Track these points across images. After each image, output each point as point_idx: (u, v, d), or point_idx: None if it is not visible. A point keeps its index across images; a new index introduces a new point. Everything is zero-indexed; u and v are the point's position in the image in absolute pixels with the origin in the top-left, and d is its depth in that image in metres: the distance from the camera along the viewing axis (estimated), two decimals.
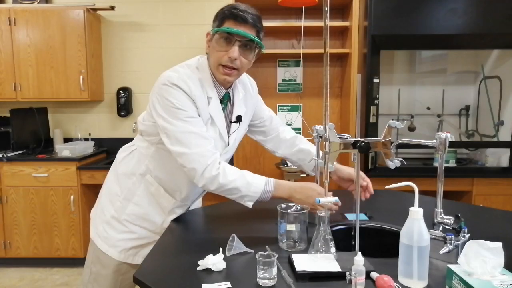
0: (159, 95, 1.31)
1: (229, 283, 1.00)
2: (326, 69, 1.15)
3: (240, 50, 1.30)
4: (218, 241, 1.25)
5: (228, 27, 1.28)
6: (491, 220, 1.56)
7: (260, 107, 1.66)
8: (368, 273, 1.00)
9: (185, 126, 1.28)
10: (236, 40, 1.29)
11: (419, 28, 2.81)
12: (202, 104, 1.34)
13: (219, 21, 1.32)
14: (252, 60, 1.40)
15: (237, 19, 1.27)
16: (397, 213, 1.59)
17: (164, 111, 1.30)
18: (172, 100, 1.28)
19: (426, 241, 0.98)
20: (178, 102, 1.28)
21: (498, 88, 3.12)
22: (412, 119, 3.34)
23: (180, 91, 1.29)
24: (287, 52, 3.40)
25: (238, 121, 1.47)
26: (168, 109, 1.29)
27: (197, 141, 1.29)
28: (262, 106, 1.67)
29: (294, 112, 3.55)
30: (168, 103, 1.29)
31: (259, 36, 1.34)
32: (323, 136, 1.15)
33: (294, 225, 1.24)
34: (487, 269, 0.91)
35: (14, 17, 3.22)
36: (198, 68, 1.39)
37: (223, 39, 1.30)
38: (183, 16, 3.54)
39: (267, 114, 1.66)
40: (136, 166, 1.46)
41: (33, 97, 3.32)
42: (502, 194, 2.93)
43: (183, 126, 1.28)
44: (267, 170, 3.59)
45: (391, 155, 1.16)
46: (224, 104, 1.43)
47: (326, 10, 1.12)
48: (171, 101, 1.28)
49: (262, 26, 1.35)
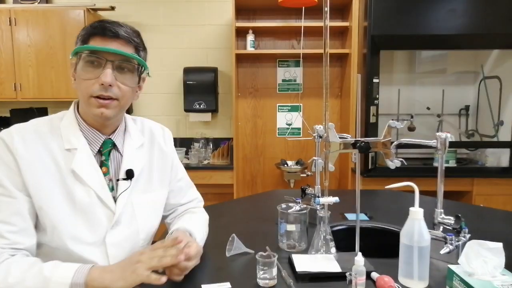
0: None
1: (229, 283, 1.00)
2: (326, 69, 1.15)
3: (116, 73, 0.99)
4: (218, 241, 1.25)
5: (94, 45, 0.98)
6: (492, 220, 1.57)
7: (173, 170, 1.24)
8: (368, 274, 1.00)
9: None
10: (107, 60, 0.97)
11: (419, 28, 2.81)
12: (45, 164, 0.98)
13: (82, 40, 1.00)
14: (138, 88, 1.08)
15: (106, 33, 0.97)
16: (397, 213, 1.59)
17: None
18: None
19: (426, 241, 0.98)
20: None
21: (497, 88, 3.12)
22: (412, 119, 3.34)
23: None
24: (287, 52, 3.40)
25: (129, 178, 1.07)
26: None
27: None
28: (177, 170, 1.26)
29: (294, 112, 3.55)
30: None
31: (139, 54, 1.05)
32: (323, 136, 1.16)
33: (294, 225, 1.24)
34: (487, 269, 0.91)
35: (15, 17, 3.22)
36: (61, 117, 1.06)
37: (89, 63, 0.98)
38: (183, 16, 3.54)
39: (177, 185, 1.26)
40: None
41: (33, 97, 3.32)
42: (502, 194, 2.93)
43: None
44: (267, 170, 3.60)
45: (391, 155, 1.16)
46: (105, 156, 1.06)
47: (326, 10, 1.12)
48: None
49: (143, 43, 1.08)
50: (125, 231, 1.05)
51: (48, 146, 1.00)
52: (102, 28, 0.97)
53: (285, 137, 3.57)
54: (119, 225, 1.04)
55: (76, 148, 1.01)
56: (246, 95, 3.55)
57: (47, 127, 1.02)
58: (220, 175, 3.21)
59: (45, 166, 0.98)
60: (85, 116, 1.05)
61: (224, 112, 3.60)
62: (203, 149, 3.46)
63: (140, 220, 1.09)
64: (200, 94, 3.36)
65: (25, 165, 0.95)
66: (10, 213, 0.94)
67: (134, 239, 1.07)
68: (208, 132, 3.62)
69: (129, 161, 1.09)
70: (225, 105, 3.57)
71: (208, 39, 3.54)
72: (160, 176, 1.18)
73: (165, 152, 1.21)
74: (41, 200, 0.96)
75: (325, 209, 1.18)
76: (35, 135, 1.00)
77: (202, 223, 1.24)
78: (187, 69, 3.37)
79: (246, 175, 3.62)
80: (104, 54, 0.97)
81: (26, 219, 0.95)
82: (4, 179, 0.94)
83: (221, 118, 3.62)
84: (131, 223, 1.07)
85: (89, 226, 1.00)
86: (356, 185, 1.17)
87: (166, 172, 1.21)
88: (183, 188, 1.28)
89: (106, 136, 1.07)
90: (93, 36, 0.98)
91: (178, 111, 3.56)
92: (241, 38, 3.36)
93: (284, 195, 1.74)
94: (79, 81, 1.00)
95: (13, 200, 0.94)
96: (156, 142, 1.19)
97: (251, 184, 3.63)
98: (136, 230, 1.08)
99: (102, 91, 0.97)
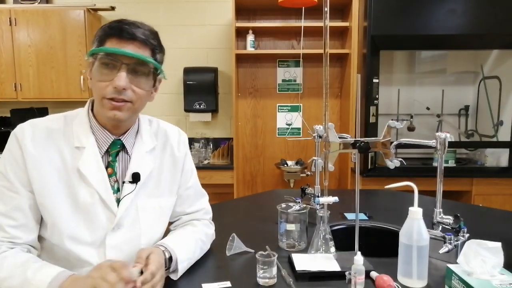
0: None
1: (229, 283, 1.01)
2: (326, 69, 1.15)
3: (131, 76, 0.96)
4: (218, 240, 1.26)
5: (110, 47, 0.96)
6: (491, 220, 1.57)
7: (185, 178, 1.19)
8: (367, 273, 1.00)
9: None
10: (123, 63, 0.95)
11: (419, 28, 2.82)
12: (52, 162, 0.99)
13: (98, 41, 0.98)
14: (153, 90, 1.05)
15: (123, 34, 0.95)
16: (396, 213, 1.59)
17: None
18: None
19: (425, 241, 0.99)
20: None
21: (497, 88, 3.13)
22: (412, 119, 3.35)
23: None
24: (287, 52, 3.41)
25: (135, 181, 1.04)
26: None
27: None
28: (188, 177, 1.21)
29: (294, 112, 3.56)
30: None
31: (156, 57, 1.01)
32: (323, 136, 1.16)
33: (294, 225, 1.24)
34: (486, 268, 0.91)
35: (15, 17, 3.22)
36: (75, 115, 1.06)
37: (104, 65, 0.96)
38: (183, 16, 3.54)
39: (185, 192, 1.20)
40: None
41: (33, 97, 3.32)
42: (502, 194, 2.93)
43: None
44: (267, 170, 3.60)
45: (391, 155, 1.16)
46: (112, 157, 1.05)
47: (326, 11, 1.13)
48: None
49: (161, 44, 1.03)
50: (126, 234, 1.03)
51: (58, 143, 1.00)
52: (119, 29, 0.95)
53: (285, 137, 3.57)
54: (121, 227, 1.03)
55: (84, 147, 1.01)
56: (246, 95, 3.56)
57: (59, 124, 1.03)
58: (220, 175, 3.22)
59: (51, 163, 0.98)
60: (98, 116, 1.04)
61: (224, 112, 3.60)
62: (203, 149, 3.46)
63: (143, 225, 1.06)
64: (200, 94, 3.36)
65: (32, 161, 0.96)
66: (12, 207, 0.95)
67: (135, 243, 1.05)
68: (208, 132, 3.62)
69: (137, 164, 1.06)
70: (225, 105, 3.57)
71: (208, 39, 3.55)
72: (169, 182, 1.14)
73: (177, 157, 1.16)
74: (43, 197, 0.97)
75: (324, 209, 1.19)
76: (46, 131, 1.00)
77: (193, 241, 1.13)
78: (187, 69, 3.37)
79: (246, 175, 3.62)
80: (119, 57, 0.95)
81: (27, 215, 0.97)
82: (11, 174, 0.96)
83: (221, 118, 3.63)
84: (134, 227, 1.05)
85: (89, 226, 0.99)
86: (355, 185, 1.17)
87: (176, 178, 1.16)
88: (191, 197, 1.22)
89: (116, 136, 1.05)
90: (110, 37, 0.96)
91: (178, 111, 3.56)
92: (241, 38, 3.36)
93: (284, 195, 1.75)
94: (94, 81, 0.98)
95: (16, 195, 0.96)
96: (169, 146, 1.15)
97: (251, 184, 3.64)
98: (138, 234, 1.06)
99: (116, 93, 0.96)
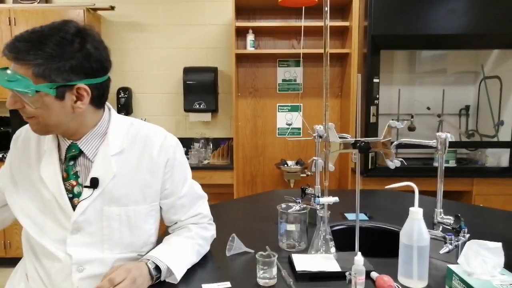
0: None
1: (229, 283, 1.00)
2: (326, 69, 1.15)
3: (16, 96, 0.90)
4: (218, 241, 1.25)
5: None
6: (491, 220, 1.57)
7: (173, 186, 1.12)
8: (368, 273, 1.00)
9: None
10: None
11: (419, 28, 2.81)
12: (30, 163, 1.05)
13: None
14: (44, 105, 0.91)
15: (5, 54, 0.89)
16: (397, 213, 1.59)
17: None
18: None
19: (426, 241, 0.99)
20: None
21: (498, 88, 3.12)
22: (412, 119, 3.34)
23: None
24: (287, 52, 3.40)
25: (93, 186, 1.00)
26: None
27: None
28: (179, 187, 1.13)
29: (294, 112, 3.55)
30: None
31: (34, 70, 0.87)
32: (323, 136, 1.16)
33: (294, 225, 1.24)
34: (487, 269, 0.91)
35: (14, 17, 3.22)
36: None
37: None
38: (183, 16, 3.54)
39: (177, 202, 1.14)
40: None
41: None
42: (502, 194, 2.93)
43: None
44: (267, 170, 3.60)
45: (391, 155, 1.16)
46: (67, 161, 1.03)
47: (326, 10, 1.13)
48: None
49: (44, 53, 0.87)
50: (87, 238, 1.02)
51: (35, 146, 1.07)
52: (4, 48, 0.89)
53: (285, 137, 3.57)
54: (81, 231, 1.01)
55: (45, 150, 1.05)
56: (246, 95, 3.55)
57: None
58: (220, 175, 3.21)
59: (27, 163, 1.06)
60: None
61: (224, 112, 3.60)
62: (203, 149, 3.46)
63: (106, 231, 1.03)
64: (200, 94, 3.36)
65: (14, 160, 1.09)
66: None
67: (99, 248, 1.03)
68: (208, 132, 3.62)
69: (98, 169, 1.02)
70: (225, 105, 3.57)
71: (208, 39, 3.54)
72: (144, 188, 1.06)
73: (157, 163, 1.07)
74: (15, 197, 1.07)
75: (325, 209, 1.18)
76: (30, 134, 1.07)
77: (186, 244, 1.11)
78: (187, 69, 3.36)
79: (246, 175, 3.62)
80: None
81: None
82: (3, 166, 1.10)
83: (221, 118, 3.62)
84: (96, 232, 1.02)
85: (52, 225, 1.03)
86: (356, 185, 1.17)
87: (155, 184, 1.08)
88: (186, 205, 1.16)
89: (72, 141, 1.02)
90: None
91: (178, 111, 3.56)
92: (241, 38, 3.36)
93: (284, 195, 1.74)
94: None
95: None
96: (148, 151, 1.07)
97: (251, 184, 3.63)
98: (100, 240, 1.03)
99: (21, 111, 0.94)
